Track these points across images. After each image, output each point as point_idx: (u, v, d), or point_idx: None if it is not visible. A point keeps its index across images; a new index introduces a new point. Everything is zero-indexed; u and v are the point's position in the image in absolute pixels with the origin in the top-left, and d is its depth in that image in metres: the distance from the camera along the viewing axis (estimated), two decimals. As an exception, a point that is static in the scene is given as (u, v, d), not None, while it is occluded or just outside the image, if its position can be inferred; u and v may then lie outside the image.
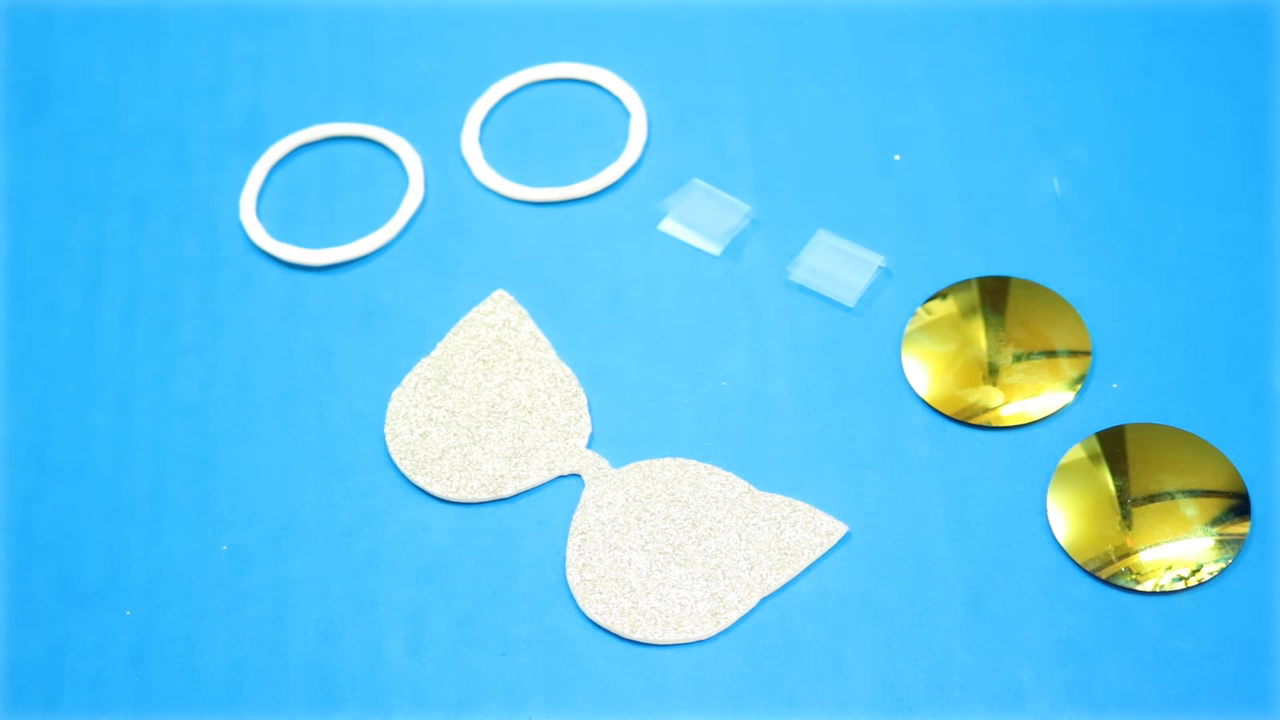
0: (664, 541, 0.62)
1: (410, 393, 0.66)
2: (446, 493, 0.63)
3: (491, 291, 0.68)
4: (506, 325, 0.67)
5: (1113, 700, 0.58)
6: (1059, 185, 0.69)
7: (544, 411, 0.65)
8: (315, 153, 0.73)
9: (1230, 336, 0.65)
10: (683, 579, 0.61)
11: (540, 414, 0.65)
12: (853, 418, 0.64)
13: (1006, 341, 0.65)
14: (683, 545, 0.61)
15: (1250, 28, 0.72)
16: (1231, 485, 0.61)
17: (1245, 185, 0.68)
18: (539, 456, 0.64)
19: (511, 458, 0.64)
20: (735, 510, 0.62)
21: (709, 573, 0.61)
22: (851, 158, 0.71)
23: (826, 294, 0.67)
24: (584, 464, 0.64)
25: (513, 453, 0.64)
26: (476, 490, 0.63)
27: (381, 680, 0.60)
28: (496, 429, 0.65)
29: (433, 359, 0.66)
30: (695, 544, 0.61)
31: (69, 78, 0.75)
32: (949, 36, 0.74)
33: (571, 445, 0.64)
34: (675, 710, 0.59)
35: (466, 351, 0.67)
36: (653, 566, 0.61)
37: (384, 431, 0.65)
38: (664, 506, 0.62)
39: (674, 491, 0.63)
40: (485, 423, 0.65)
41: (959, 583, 0.60)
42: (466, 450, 0.64)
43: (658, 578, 0.61)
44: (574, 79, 0.74)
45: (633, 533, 0.62)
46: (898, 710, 0.58)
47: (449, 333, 0.67)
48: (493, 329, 0.67)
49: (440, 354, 0.67)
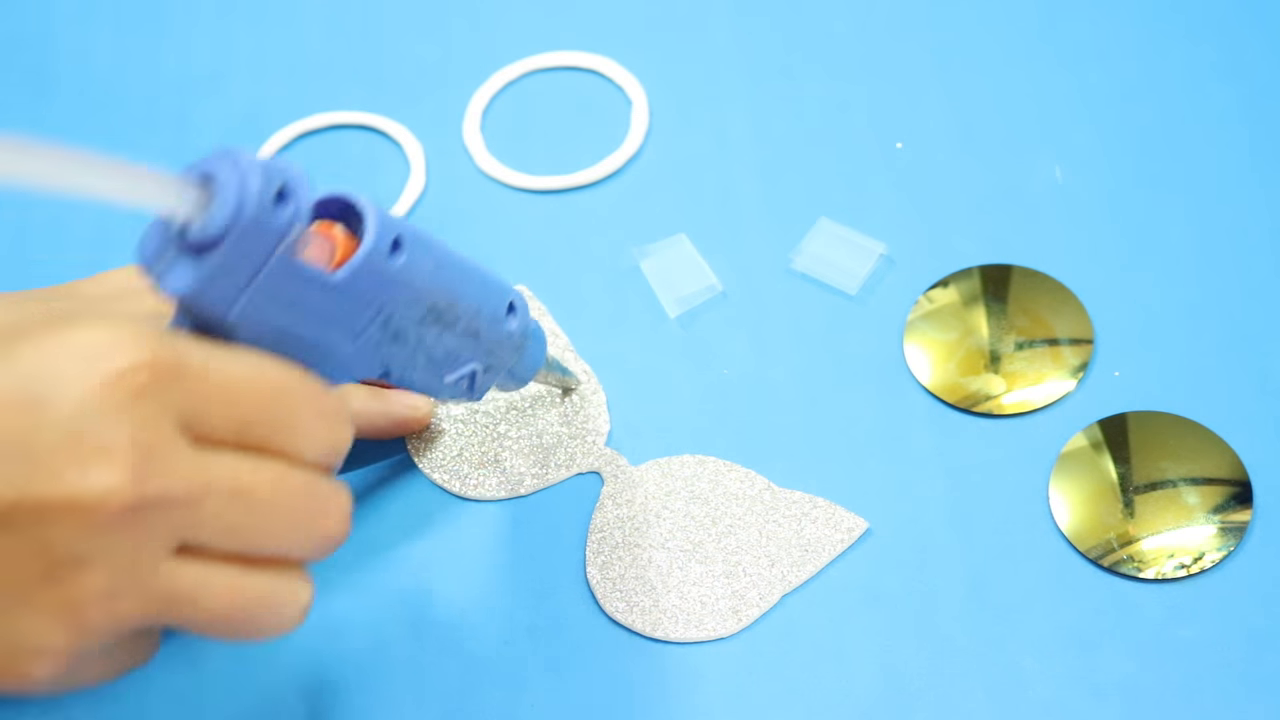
0: (684, 539, 0.62)
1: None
2: (465, 490, 0.63)
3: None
4: (526, 322, 0.67)
5: (1115, 687, 0.58)
6: (1061, 173, 0.69)
7: (563, 409, 0.65)
8: (317, 141, 0.73)
9: (1232, 324, 0.65)
10: (704, 576, 0.61)
11: (560, 411, 0.65)
12: (855, 406, 0.64)
13: (1008, 329, 0.65)
14: (703, 543, 0.61)
15: (1256, 13, 0.72)
16: (1233, 473, 0.61)
17: (1248, 172, 0.68)
18: (558, 454, 0.64)
19: (531, 455, 0.64)
20: (755, 507, 0.62)
21: (730, 570, 0.61)
22: (853, 145, 0.71)
23: (828, 282, 0.67)
24: (603, 461, 0.64)
25: (532, 450, 0.64)
26: (495, 488, 0.63)
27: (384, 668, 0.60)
28: (516, 426, 0.64)
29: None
30: (716, 541, 0.61)
31: (71, 66, 0.75)
32: (950, 23, 0.74)
33: (590, 442, 0.64)
34: (678, 703, 0.59)
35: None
36: (673, 564, 0.61)
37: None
38: (684, 504, 0.62)
39: (693, 489, 0.63)
40: (504, 420, 0.65)
41: (961, 570, 0.61)
42: (485, 448, 0.64)
43: (678, 575, 0.61)
44: (576, 67, 0.74)
45: (653, 530, 0.62)
46: (900, 697, 0.58)
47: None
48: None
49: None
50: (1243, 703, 0.57)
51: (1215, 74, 0.71)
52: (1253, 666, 0.58)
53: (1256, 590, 0.59)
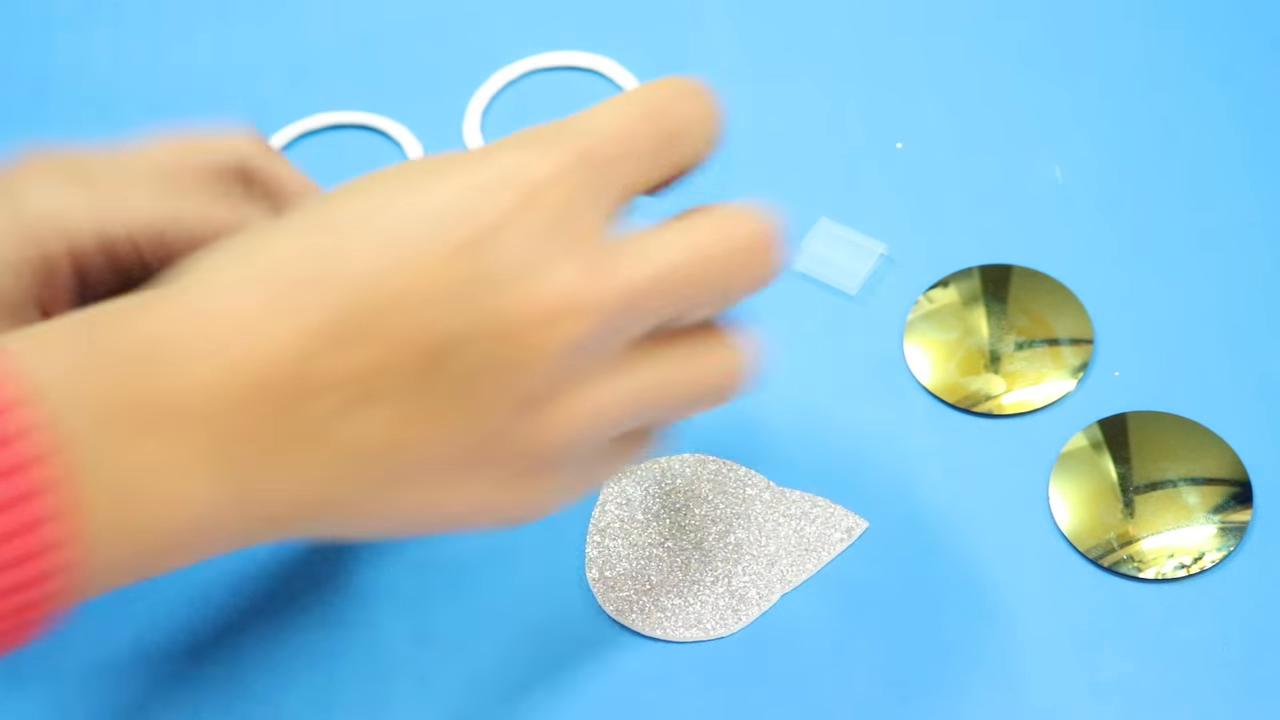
0: (684, 539, 0.62)
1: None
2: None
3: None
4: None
5: (1115, 687, 0.58)
6: (1060, 173, 0.69)
7: None
8: (317, 141, 0.73)
9: (1232, 324, 0.65)
10: (703, 576, 0.61)
11: None
12: (855, 406, 0.64)
13: (1009, 329, 0.65)
14: (703, 542, 0.61)
15: (1254, 14, 0.72)
16: (1233, 473, 0.61)
17: (1247, 172, 0.68)
18: None
19: None
20: (755, 507, 0.62)
21: (730, 569, 0.61)
22: (853, 145, 0.71)
23: (828, 282, 0.67)
24: None
25: None
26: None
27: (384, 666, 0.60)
28: None
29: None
30: (715, 541, 0.61)
31: (71, 66, 0.75)
32: (950, 23, 0.74)
33: None
34: (678, 703, 0.59)
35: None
36: (673, 564, 0.61)
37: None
38: (684, 503, 0.62)
39: (693, 488, 0.63)
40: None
41: (961, 570, 0.61)
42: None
43: (678, 575, 0.61)
44: (576, 67, 0.74)
45: (652, 530, 0.62)
46: (899, 697, 0.58)
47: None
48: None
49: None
50: (1243, 703, 0.57)
51: (1214, 74, 0.71)
52: (1253, 666, 0.58)
53: (1256, 590, 0.59)
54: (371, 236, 0.47)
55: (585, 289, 0.47)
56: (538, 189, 0.47)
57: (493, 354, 0.47)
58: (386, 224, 0.47)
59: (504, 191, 0.47)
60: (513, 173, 0.47)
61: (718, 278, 0.50)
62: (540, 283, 0.47)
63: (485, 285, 0.46)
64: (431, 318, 0.46)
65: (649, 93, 0.50)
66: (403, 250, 0.46)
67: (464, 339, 0.46)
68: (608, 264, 0.48)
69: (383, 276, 0.46)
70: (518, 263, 0.47)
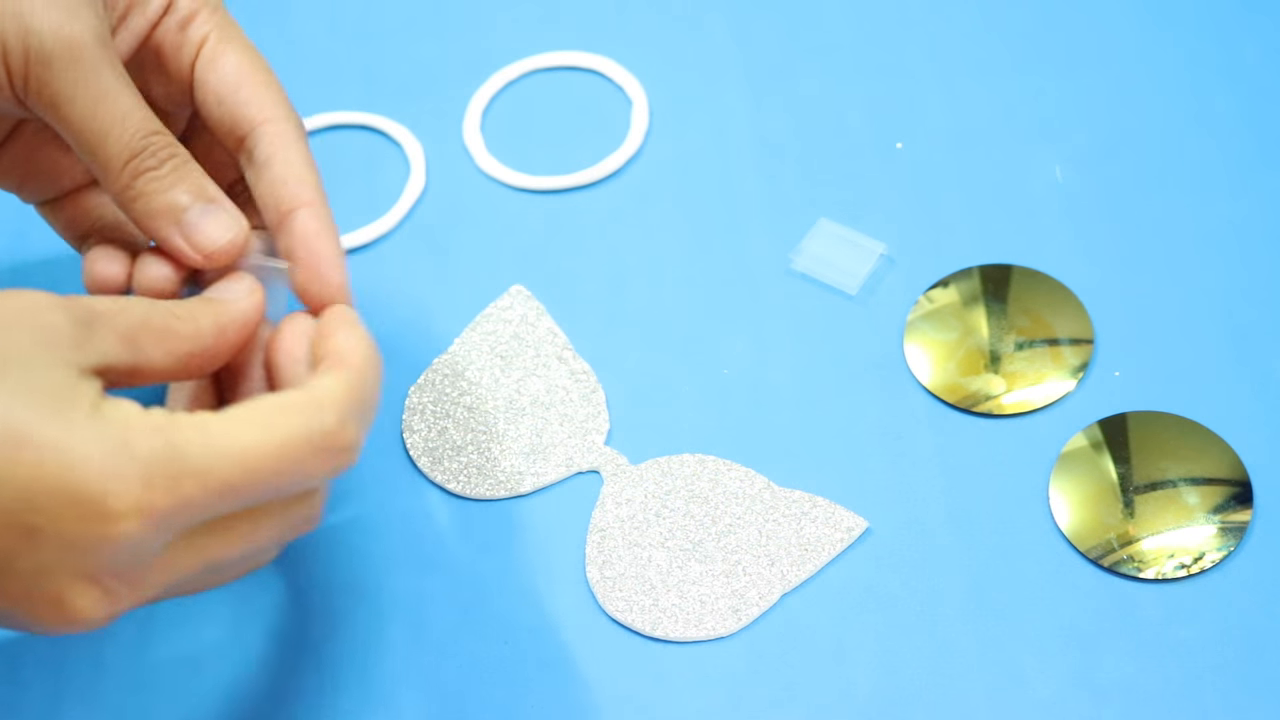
0: (684, 538, 0.62)
1: (428, 389, 0.65)
2: (464, 489, 0.63)
3: (492, 279, 0.68)
4: (524, 321, 0.67)
5: (1115, 688, 0.58)
6: (1060, 173, 0.69)
7: (562, 408, 0.65)
8: (317, 141, 0.73)
9: (1232, 324, 0.65)
10: (703, 575, 0.61)
11: (558, 410, 0.65)
12: (855, 406, 0.64)
13: (1009, 329, 0.65)
14: (703, 542, 0.62)
15: (1255, 13, 0.72)
16: (1233, 473, 0.61)
17: (1248, 172, 0.68)
18: (557, 453, 0.64)
19: (530, 454, 0.64)
20: (755, 506, 0.62)
21: (730, 569, 0.61)
22: (853, 145, 0.71)
23: (829, 282, 0.67)
24: (603, 460, 0.64)
25: (531, 449, 0.64)
26: (494, 487, 0.63)
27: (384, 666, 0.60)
28: (514, 425, 0.64)
29: (450, 355, 0.66)
30: (715, 540, 0.61)
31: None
32: (950, 23, 0.74)
33: (590, 441, 0.64)
34: (678, 703, 0.59)
35: (484, 347, 0.67)
36: (673, 563, 0.61)
37: (400, 425, 0.65)
38: (684, 503, 0.62)
39: (693, 488, 0.63)
40: (503, 419, 0.65)
41: (961, 570, 0.61)
42: (484, 447, 0.64)
43: (678, 574, 0.61)
44: (576, 67, 0.74)
45: (652, 529, 0.62)
46: (900, 697, 0.58)
47: (466, 328, 0.67)
48: (510, 324, 0.67)
49: (458, 350, 0.67)
50: (1243, 703, 0.57)
51: (1215, 73, 0.71)
52: (1253, 666, 0.58)
53: (1256, 590, 0.59)
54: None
55: (97, 620, 0.49)
56: (110, 519, 0.47)
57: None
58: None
59: (72, 512, 0.47)
60: (88, 503, 0.47)
61: (276, 488, 0.50)
62: (60, 610, 0.48)
63: (14, 574, 0.48)
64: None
65: (289, 446, 0.49)
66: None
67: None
68: (131, 596, 0.49)
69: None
70: (50, 578, 0.48)
